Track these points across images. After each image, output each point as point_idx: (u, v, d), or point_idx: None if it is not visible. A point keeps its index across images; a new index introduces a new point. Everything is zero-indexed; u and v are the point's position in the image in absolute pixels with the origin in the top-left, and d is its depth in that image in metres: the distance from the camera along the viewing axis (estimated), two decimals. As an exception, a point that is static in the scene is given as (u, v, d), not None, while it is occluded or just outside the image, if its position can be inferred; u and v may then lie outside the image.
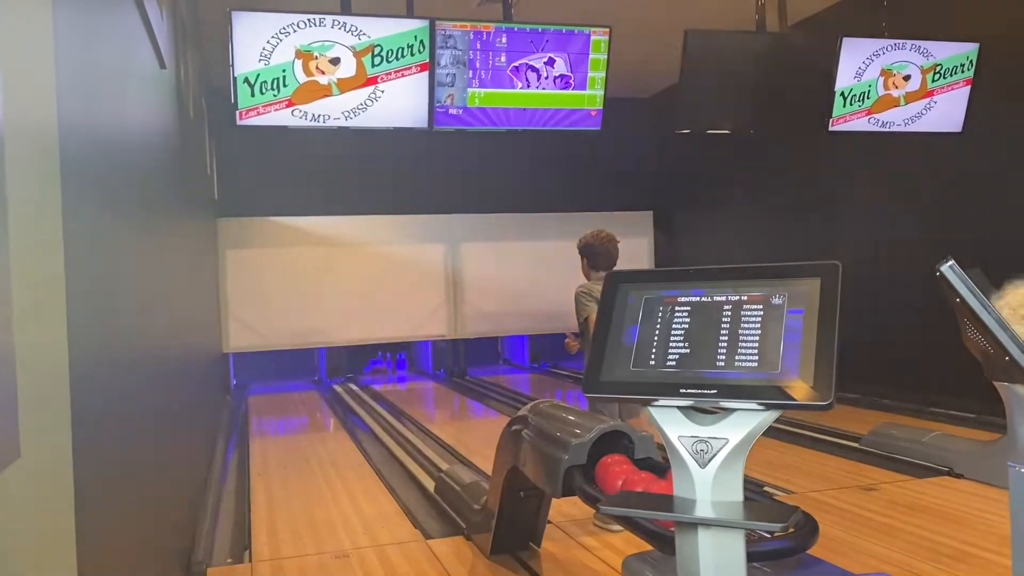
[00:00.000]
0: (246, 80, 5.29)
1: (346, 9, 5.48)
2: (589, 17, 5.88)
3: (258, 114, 5.36)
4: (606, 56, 5.83)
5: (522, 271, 11.94)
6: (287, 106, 5.38)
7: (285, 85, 5.36)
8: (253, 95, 5.33)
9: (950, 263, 1.80)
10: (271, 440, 7.92)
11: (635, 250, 12.40)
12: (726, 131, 6.94)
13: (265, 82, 5.33)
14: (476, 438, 7.01)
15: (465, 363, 12.09)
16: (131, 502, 2.45)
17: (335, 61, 5.38)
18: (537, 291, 11.82)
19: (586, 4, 6.76)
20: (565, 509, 4.42)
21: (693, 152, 11.15)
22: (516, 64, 5.65)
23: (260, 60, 5.30)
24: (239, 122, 5.37)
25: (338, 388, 10.92)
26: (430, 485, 5.40)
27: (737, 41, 6.37)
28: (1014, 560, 1.83)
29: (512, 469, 3.62)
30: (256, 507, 5.21)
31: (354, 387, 10.96)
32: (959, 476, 5.07)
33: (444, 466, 5.71)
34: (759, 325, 1.72)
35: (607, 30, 5.80)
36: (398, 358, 12.68)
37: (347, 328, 11.32)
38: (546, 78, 5.72)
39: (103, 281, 2.11)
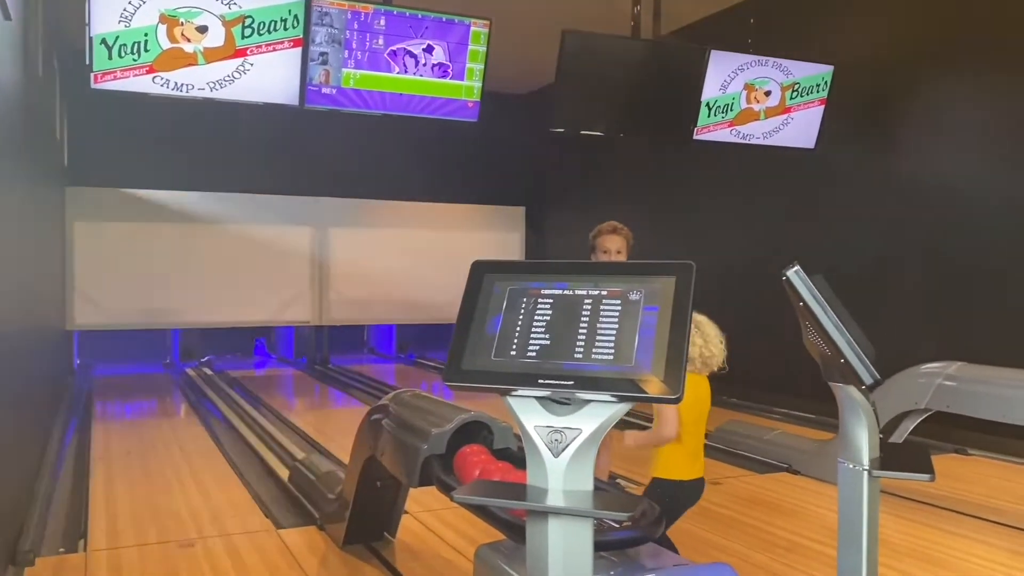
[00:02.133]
0: (103, 41, 4.97)
1: (217, -25, 5.24)
2: (470, 8, 5.86)
3: (115, 78, 5.05)
4: (485, 48, 5.83)
5: (391, 259, 11.81)
6: (148, 72, 5.10)
7: (147, 50, 5.07)
8: (111, 58, 5.02)
9: (795, 268, 1.90)
10: (115, 424, 7.51)
11: (507, 245, 12.53)
12: (599, 132, 7.08)
13: (124, 45, 5.02)
14: (336, 428, 6.89)
15: (328, 351, 11.85)
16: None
17: (202, 29, 5.14)
18: (406, 280, 11.72)
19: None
20: (423, 499, 4.40)
21: (567, 151, 11.34)
22: (394, 48, 5.56)
23: (120, 21, 4.99)
24: (94, 85, 5.04)
25: (191, 372, 10.48)
26: (285, 474, 5.25)
27: (613, 45, 6.51)
28: (839, 547, 1.96)
29: (370, 458, 3.57)
30: (95, 494, 4.93)
31: (208, 372, 10.54)
32: (796, 473, 5.40)
33: (300, 455, 5.57)
34: (616, 320, 1.76)
35: (487, 22, 5.80)
36: (256, 343, 12.28)
37: (203, 309, 10.85)
38: (424, 65, 5.66)
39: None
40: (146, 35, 5.05)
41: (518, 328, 1.84)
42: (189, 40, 5.15)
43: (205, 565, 3.76)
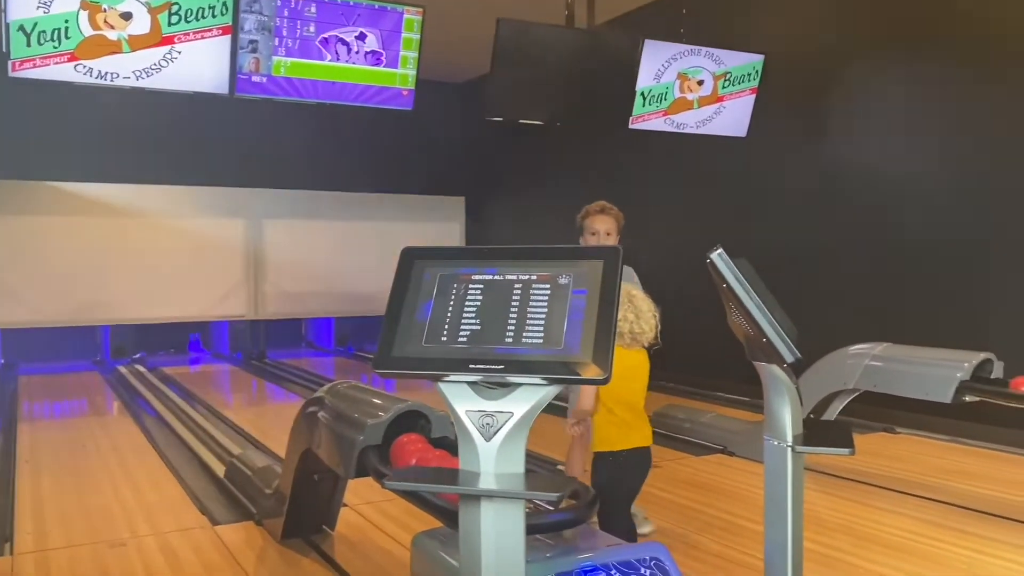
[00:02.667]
0: (21, 28, 4.81)
1: (141, -39, 5.10)
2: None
3: (35, 66, 4.90)
4: (419, 36, 5.80)
5: (328, 251, 11.66)
6: (69, 60, 4.95)
7: (68, 37, 4.92)
8: (29, 45, 4.86)
9: (719, 251, 1.94)
10: (43, 425, 7.28)
11: (447, 234, 12.49)
12: (537, 121, 7.09)
13: (44, 32, 4.87)
14: (274, 423, 6.79)
15: (265, 345, 11.66)
16: None
17: (126, 16, 5.00)
18: (343, 272, 11.59)
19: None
20: (362, 492, 4.37)
21: (506, 141, 11.35)
22: (326, 35, 5.48)
23: (39, 7, 4.84)
24: (11, 73, 4.88)
25: (123, 369, 10.20)
26: (221, 471, 5.16)
27: (547, 34, 6.52)
28: (766, 522, 2.01)
29: (306, 452, 3.53)
30: (21, 496, 4.77)
31: (141, 369, 10.28)
32: (731, 454, 5.51)
33: (237, 451, 5.49)
34: (546, 304, 1.77)
35: (420, 10, 5.76)
36: (190, 339, 12.00)
37: (135, 305, 10.56)
38: (356, 53, 5.60)
39: None
40: (67, 22, 4.90)
41: (449, 314, 1.84)
42: (113, 27, 5.00)
43: (138, 564, 3.68)
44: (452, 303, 1.85)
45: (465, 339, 1.79)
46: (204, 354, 11.96)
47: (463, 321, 1.82)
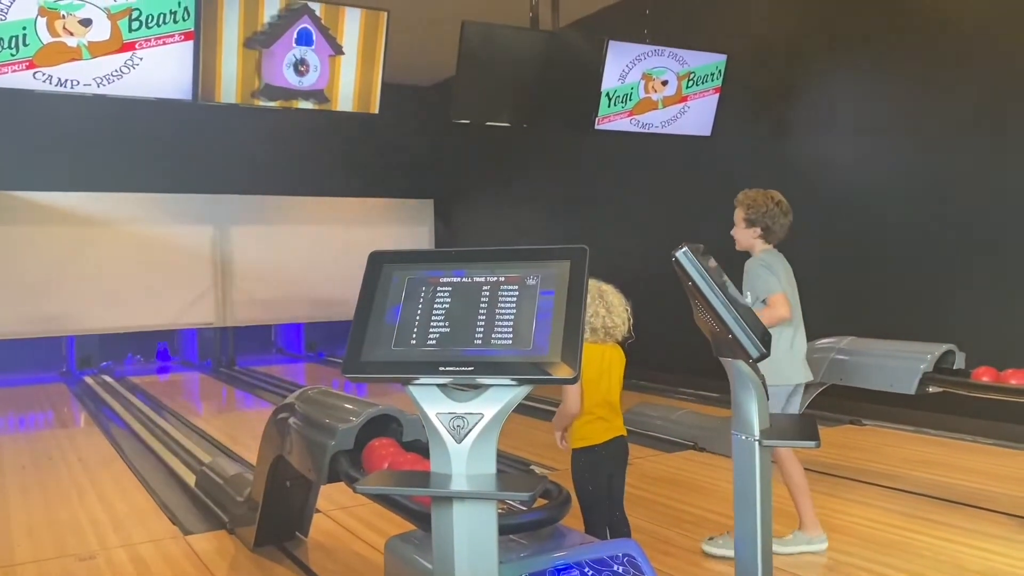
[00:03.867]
0: (-24, 36, 4.73)
1: (100, -34, 5.04)
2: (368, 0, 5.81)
3: (-8, 74, 4.81)
4: (384, 39, 5.78)
5: (296, 256, 11.59)
6: (28, 68, 4.87)
7: (26, 44, 4.85)
8: (-14, 53, 4.77)
9: (684, 250, 1.97)
10: (8, 438, 7.15)
11: (416, 238, 12.47)
12: (504, 124, 7.10)
13: (1, 39, 4.79)
14: (245, 431, 6.73)
15: (234, 352, 11.55)
16: None
17: (86, 22, 4.93)
18: (312, 277, 11.52)
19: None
20: (336, 497, 4.36)
21: (473, 143, 11.35)
22: (289, 40, 5.46)
23: (-5, 14, 4.76)
24: (-32, 82, 4.79)
25: (89, 380, 10.06)
26: (192, 480, 5.12)
27: (513, 36, 6.54)
28: (736, 515, 2.05)
29: (278, 458, 3.52)
30: (-14, 511, 4.69)
31: (108, 379, 10.14)
32: (702, 450, 5.57)
33: (208, 459, 5.44)
34: (514, 305, 1.78)
35: (384, 13, 5.75)
36: (158, 348, 11.85)
37: (100, 315, 10.42)
38: (321, 57, 5.58)
39: None
40: (24, 28, 4.82)
41: (418, 317, 1.85)
42: (72, 34, 4.94)
43: (108, 577, 3.64)
44: (421, 306, 1.86)
45: (434, 342, 1.80)
46: (172, 362, 11.83)
47: (432, 324, 1.83)
